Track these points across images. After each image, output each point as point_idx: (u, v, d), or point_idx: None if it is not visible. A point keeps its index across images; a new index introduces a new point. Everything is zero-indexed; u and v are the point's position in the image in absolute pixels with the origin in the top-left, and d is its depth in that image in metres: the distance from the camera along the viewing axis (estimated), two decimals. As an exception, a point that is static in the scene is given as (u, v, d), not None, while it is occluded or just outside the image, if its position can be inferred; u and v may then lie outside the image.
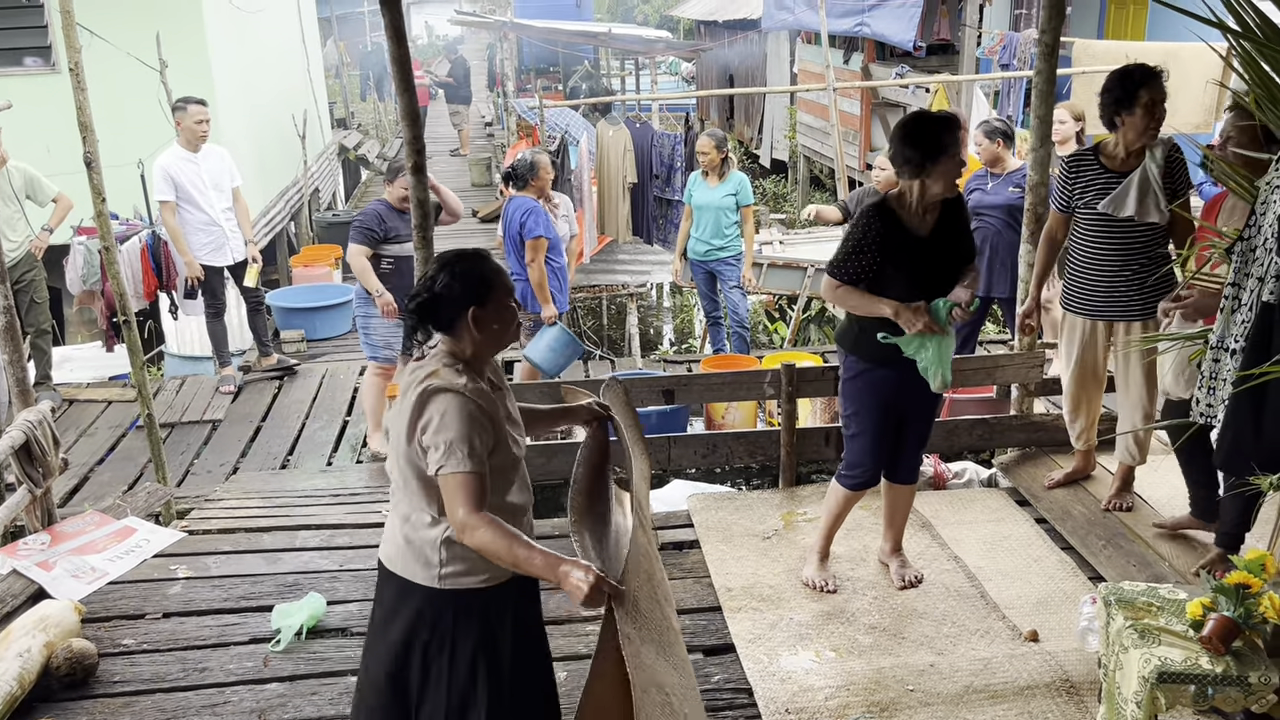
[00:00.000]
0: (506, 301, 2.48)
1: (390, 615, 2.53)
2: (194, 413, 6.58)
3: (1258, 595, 2.66)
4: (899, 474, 3.86)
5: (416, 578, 2.45)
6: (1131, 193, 3.87)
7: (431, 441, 2.33)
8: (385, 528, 2.59)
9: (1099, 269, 4.03)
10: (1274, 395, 2.57)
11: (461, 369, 2.41)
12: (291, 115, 11.54)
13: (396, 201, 5.53)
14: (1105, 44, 9.76)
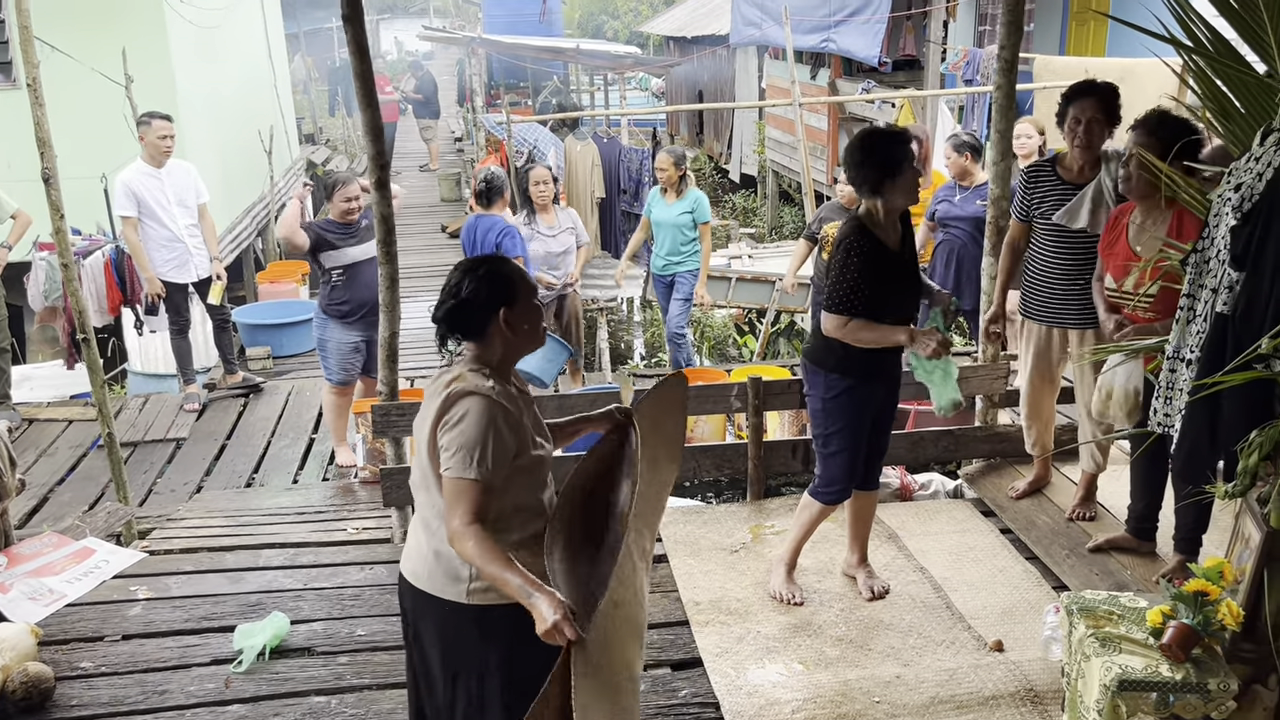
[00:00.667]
0: (533, 301, 2.48)
1: (417, 633, 2.52)
2: (157, 431, 6.49)
3: (1216, 603, 2.69)
4: (865, 481, 3.87)
5: (445, 593, 2.43)
6: (1085, 204, 3.94)
7: (446, 442, 2.32)
8: (409, 542, 2.55)
9: (1055, 277, 4.10)
10: (1229, 404, 2.60)
11: (489, 374, 2.41)
12: (258, 131, 11.47)
13: (339, 216, 5.50)
14: (1065, 60, 9.89)
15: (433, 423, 2.36)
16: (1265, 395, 2.58)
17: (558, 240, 6.45)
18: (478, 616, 2.41)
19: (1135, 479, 4.00)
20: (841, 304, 3.45)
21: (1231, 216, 2.57)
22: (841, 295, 3.44)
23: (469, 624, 2.43)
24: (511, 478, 2.39)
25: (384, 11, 36.95)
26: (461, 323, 2.42)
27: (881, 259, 3.45)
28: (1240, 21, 2.61)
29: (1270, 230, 2.46)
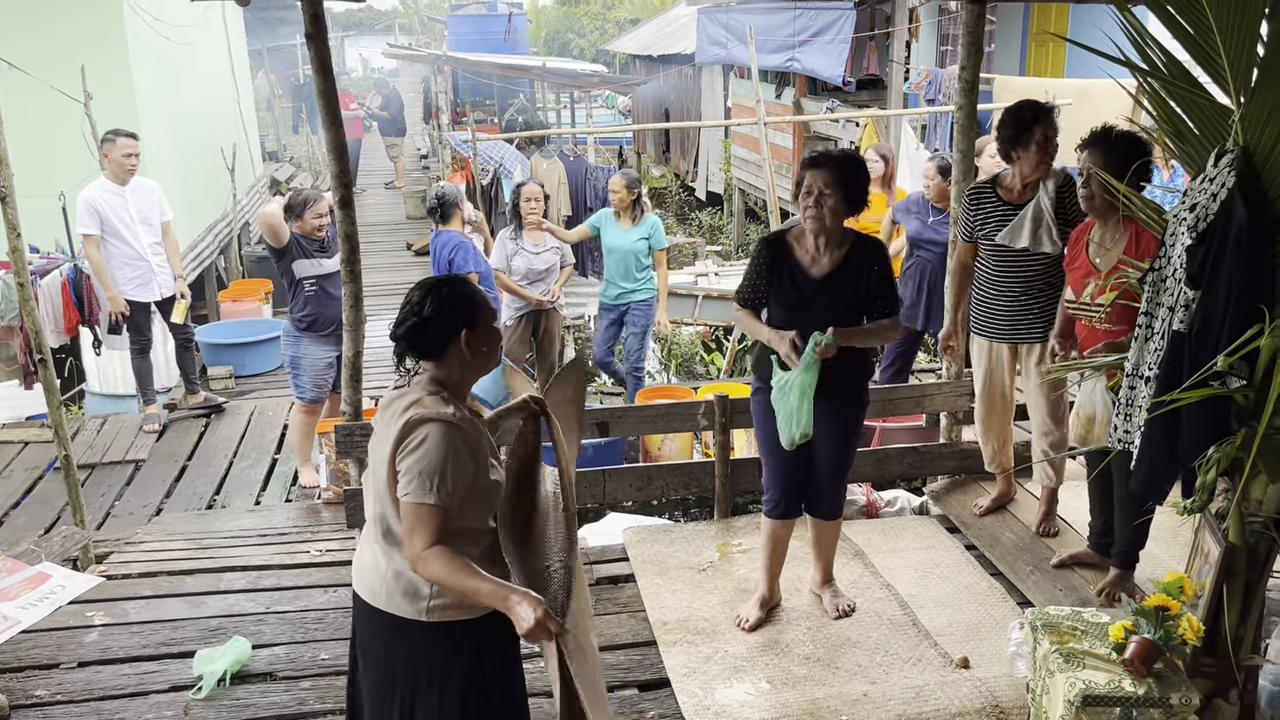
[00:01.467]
0: (492, 322, 2.48)
1: (371, 653, 2.49)
2: (116, 452, 6.39)
3: (1177, 617, 2.72)
4: (814, 507, 3.78)
5: (403, 611, 2.40)
6: (1026, 224, 4.00)
7: (406, 467, 2.31)
8: (361, 561, 2.52)
9: (1000, 294, 4.17)
10: (1187, 421, 2.63)
11: (447, 397, 2.39)
12: (220, 148, 11.37)
13: (309, 233, 5.49)
14: (1025, 80, 10.05)
15: (391, 447, 2.34)
16: (1222, 412, 2.62)
17: (541, 258, 6.43)
18: (439, 633, 2.40)
19: (1094, 495, 4.03)
20: (738, 290, 3.64)
21: (1187, 236, 2.61)
22: (740, 284, 3.64)
23: (430, 641, 2.41)
24: (466, 501, 2.38)
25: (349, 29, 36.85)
26: (421, 342, 2.41)
27: (782, 274, 3.48)
28: (1194, 45, 2.65)
29: (1224, 250, 2.50)
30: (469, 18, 22.10)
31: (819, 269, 3.46)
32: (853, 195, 3.41)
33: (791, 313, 3.48)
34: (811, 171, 3.42)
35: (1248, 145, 2.54)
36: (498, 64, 17.66)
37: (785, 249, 3.51)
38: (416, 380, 2.43)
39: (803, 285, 3.46)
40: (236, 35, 14.55)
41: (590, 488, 4.73)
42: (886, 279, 3.52)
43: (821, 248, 3.46)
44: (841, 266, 3.47)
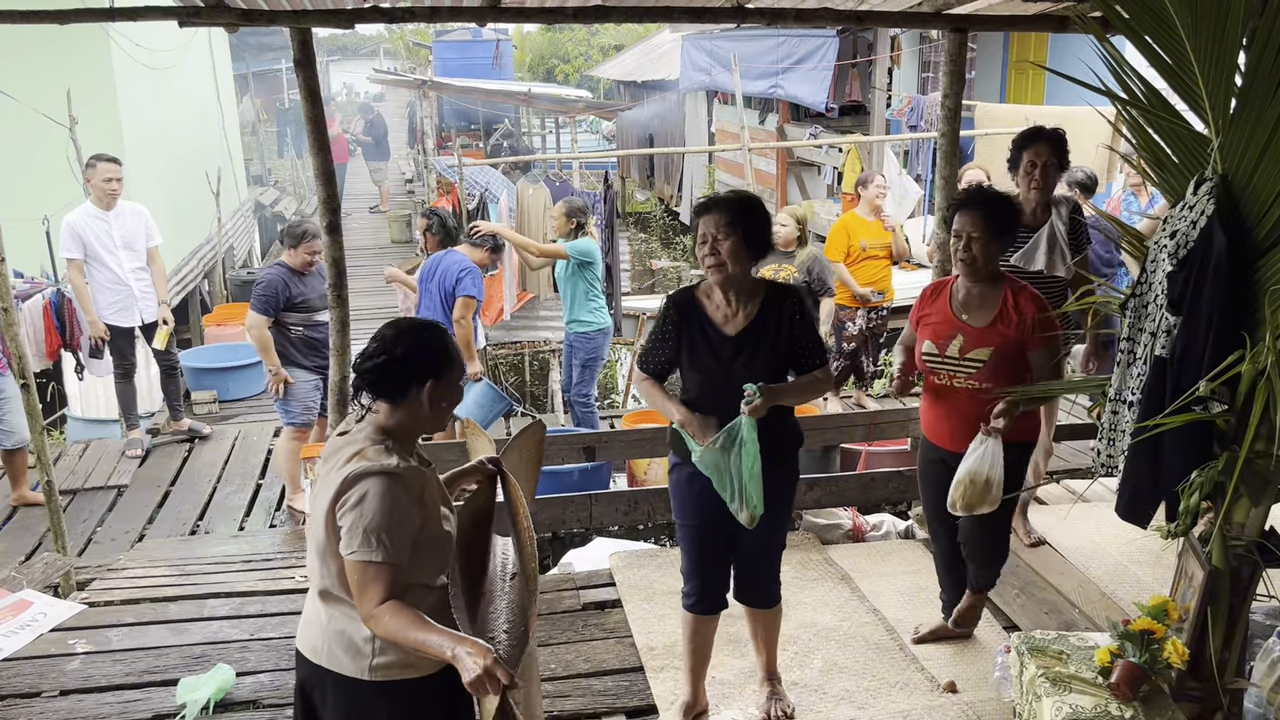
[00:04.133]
0: (459, 379, 2.39)
1: (314, 709, 2.40)
2: (98, 478, 6.34)
3: (1162, 641, 2.74)
4: (745, 596, 3.37)
5: (344, 669, 2.31)
6: (1041, 247, 4.07)
7: (348, 524, 2.20)
8: (305, 613, 2.43)
9: None
10: (1170, 445, 2.66)
11: (390, 447, 2.29)
12: (205, 172, 11.37)
13: (300, 266, 5.50)
14: (1005, 107, 10.18)
15: (331, 500, 2.25)
16: (1204, 436, 2.65)
17: None
18: (382, 692, 2.32)
19: (943, 571, 3.88)
20: (640, 356, 3.26)
21: (1168, 263, 2.65)
22: (642, 348, 3.27)
23: (373, 700, 2.32)
24: (414, 553, 2.28)
25: (333, 54, 36.95)
26: (383, 382, 2.32)
27: (692, 334, 3.12)
28: (1172, 75, 2.70)
29: (1205, 276, 2.53)
30: (454, 43, 22.20)
31: (733, 326, 3.11)
32: (752, 236, 3.04)
33: (708, 377, 3.13)
34: (704, 217, 3.06)
35: (1226, 173, 2.58)
36: (484, 89, 17.75)
37: (694, 307, 3.14)
38: (360, 427, 2.35)
39: (718, 346, 3.10)
40: (222, 60, 14.58)
41: (577, 512, 4.73)
42: (809, 327, 3.17)
43: (733, 301, 3.11)
44: (758, 321, 3.11)
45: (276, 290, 5.47)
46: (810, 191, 13.36)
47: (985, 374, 3.41)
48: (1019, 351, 3.41)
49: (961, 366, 3.45)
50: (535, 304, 10.94)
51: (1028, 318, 3.38)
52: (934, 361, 3.51)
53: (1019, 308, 3.40)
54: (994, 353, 3.39)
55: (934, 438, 3.64)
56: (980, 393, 3.42)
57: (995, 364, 3.40)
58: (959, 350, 3.45)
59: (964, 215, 3.39)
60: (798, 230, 6.01)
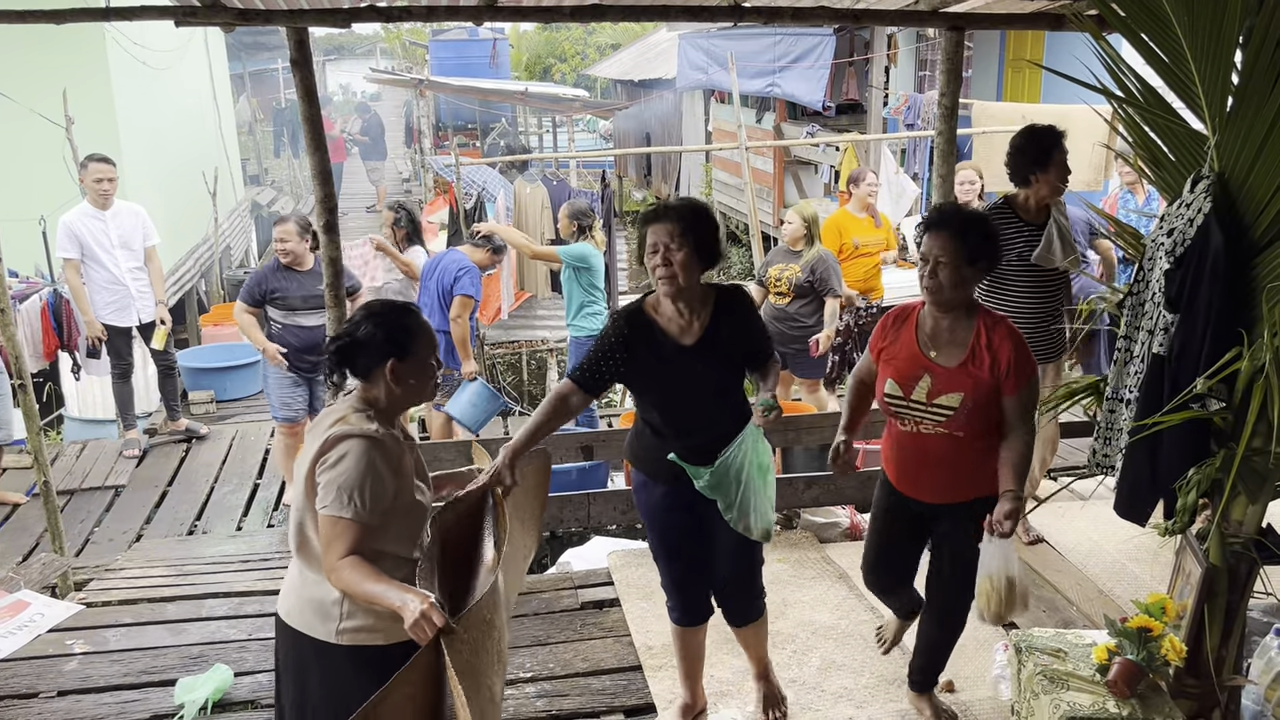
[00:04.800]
0: (427, 358, 2.50)
1: (289, 673, 2.51)
2: (95, 478, 6.33)
3: (1159, 638, 2.74)
4: (726, 612, 3.28)
5: (315, 632, 2.42)
6: (1055, 243, 4.08)
7: (325, 481, 2.33)
8: (286, 578, 2.55)
9: (1023, 317, 4.18)
10: (1168, 443, 2.66)
11: (373, 415, 2.43)
12: (202, 172, 11.36)
13: (278, 254, 5.51)
14: (1002, 105, 10.17)
15: (311, 460, 2.38)
16: (1202, 434, 2.65)
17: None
18: (349, 656, 2.41)
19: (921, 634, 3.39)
20: (575, 368, 3.08)
21: (1165, 261, 2.65)
22: (581, 361, 3.06)
23: (339, 664, 2.42)
24: (388, 520, 2.40)
25: (330, 53, 36.91)
26: (349, 361, 2.46)
27: (646, 350, 2.97)
28: (1169, 73, 2.70)
29: (1202, 274, 2.54)
30: (451, 43, 22.17)
31: (690, 336, 2.96)
32: (703, 245, 2.90)
33: (668, 393, 3.01)
34: (653, 226, 2.91)
35: (1223, 171, 2.58)
36: (481, 89, 17.74)
37: (645, 322, 2.98)
38: (347, 398, 2.49)
39: (674, 358, 2.96)
40: (218, 59, 14.57)
41: (575, 511, 4.73)
42: (760, 321, 3.14)
43: (685, 312, 2.96)
44: (713, 328, 2.98)
45: (256, 281, 5.56)
46: (807, 190, 13.36)
47: (956, 423, 2.92)
48: (993, 397, 2.91)
49: (929, 413, 2.95)
50: (533, 303, 10.94)
51: (1003, 358, 2.88)
52: (898, 405, 3.00)
53: (993, 346, 2.90)
54: (965, 399, 2.89)
55: (905, 487, 3.12)
56: (953, 440, 2.95)
57: (968, 412, 2.90)
58: (926, 394, 2.94)
59: (932, 237, 2.89)
60: (804, 228, 6.00)
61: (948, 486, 3.03)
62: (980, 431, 2.93)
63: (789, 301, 6.02)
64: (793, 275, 5.97)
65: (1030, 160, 4.10)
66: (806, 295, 5.99)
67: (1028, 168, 4.11)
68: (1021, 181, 4.16)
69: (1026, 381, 2.90)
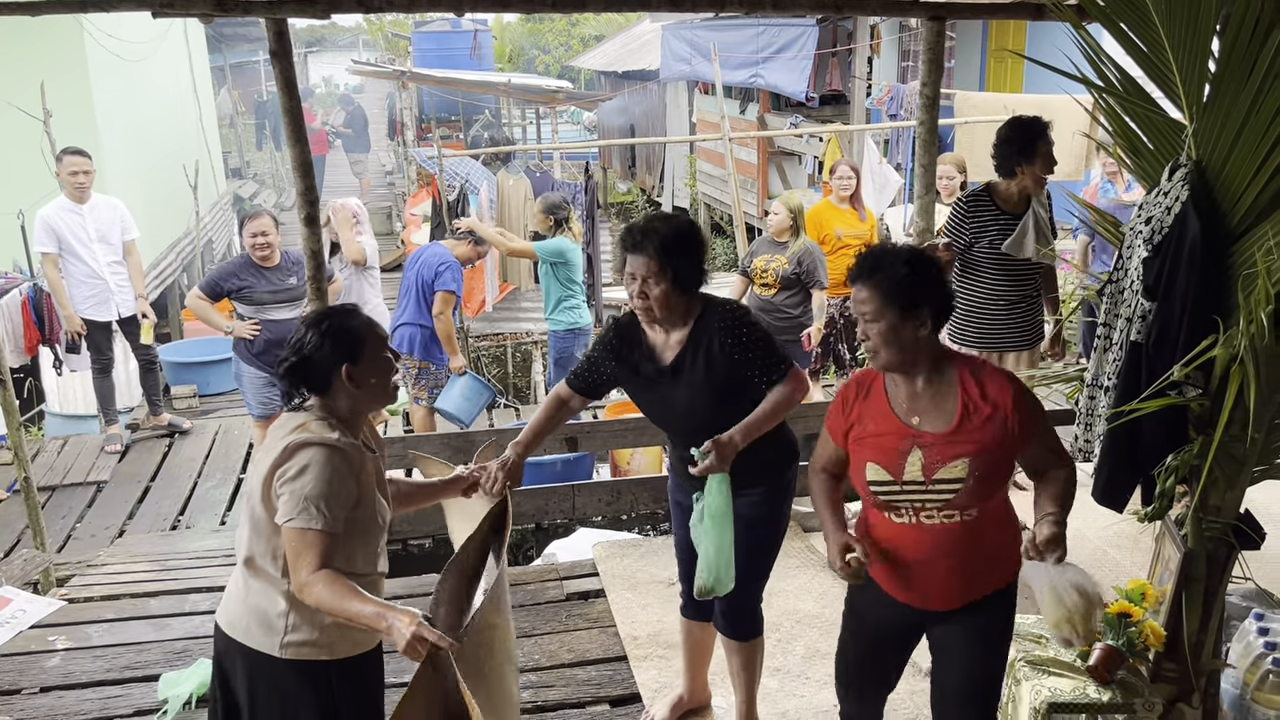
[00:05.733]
0: (381, 353, 2.41)
1: (228, 683, 2.42)
2: (77, 474, 6.30)
3: (1139, 624, 2.77)
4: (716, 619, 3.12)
5: (258, 645, 2.33)
6: (1029, 234, 4.11)
7: (287, 491, 2.23)
8: (229, 587, 2.46)
9: (996, 304, 4.24)
10: (1146, 430, 2.68)
11: (334, 424, 2.33)
12: (183, 165, 11.27)
13: (250, 250, 5.46)
14: (985, 96, 10.21)
15: (269, 469, 2.27)
16: (1179, 420, 2.67)
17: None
18: (292, 669, 2.33)
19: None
20: (572, 372, 3.08)
21: (1143, 248, 2.67)
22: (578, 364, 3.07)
23: (283, 678, 2.34)
24: (348, 531, 2.31)
25: (312, 45, 36.68)
26: (303, 378, 2.36)
27: (628, 363, 2.94)
28: (1148, 63, 2.72)
29: (1179, 262, 2.55)
30: (433, 34, 22.05)
31: (670, 353, 2.86)
32: (683, 276, 2.77)
33: (652, 410, 3.00)
34: (631, 256, 2.79)
35: (1200, 159, 2.60)
36: (464, 80, 17.66)
37: (637, 334, 2.92)
38: (310, 405, 2.38)
39: (653, 377, 2.89)
40: (198, 51, 14.45)
41: (560, 503, 4.73)
42: (750, 344, 2.81)
43: (665, 330, 2.87)
44: (689, 346, 2.84)
45: (224, 274, 5.53)
46: (791, 181, 13.37)
47: (966, 498, 2.39)
48: (1002, 456, 2.41)
49: (931, 494, 2.40)
50: (517, 295, 10.93)
51: (1007, 405, 2.39)
52: (890, 493, 2.44)
53: (989, 395, 2.41)
54: (971, 466, 2.36)
55: (900, 592, 2.53)
56: (964, 525, 2.41)
57: (977, 480, 2.37)
58: (923, 471, 2.40)
59: (856, 291, 2.42)
60: (790, 220, 6.00)
61: (960, 586, 2.46)
62: (992, 503, 2.45)
63: (775, 293, 6.03)
64: (779, 267, 5.98)
65: (1016, 151, 4.14)
66: (793, 287, 5.99)
67: (1014, 158, 4.14)
68: (1006, 172, 4.19)
69: (1039, 419, 2.43)
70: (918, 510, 2.43)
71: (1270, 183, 2.47)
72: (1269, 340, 2.46)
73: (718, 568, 2.76)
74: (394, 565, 5.13)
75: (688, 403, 2.85)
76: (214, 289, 5.48)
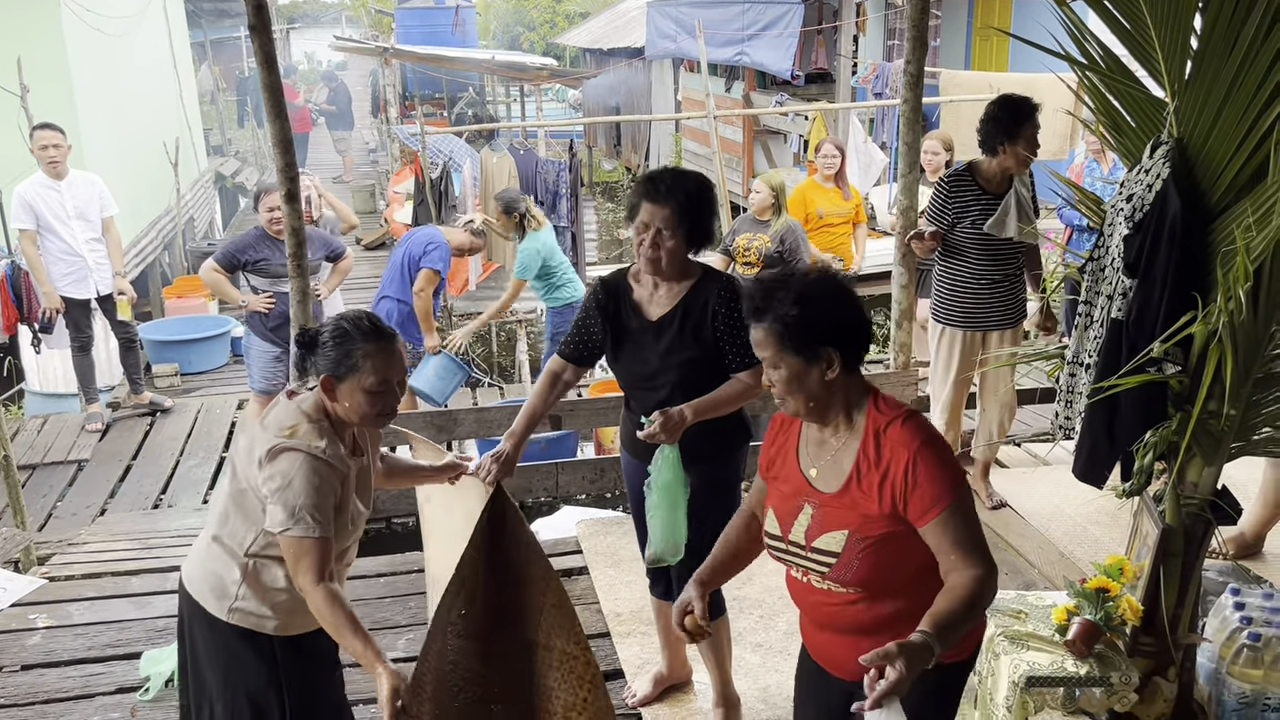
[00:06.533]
0: (371, 386, 2.32)
1: (184, 636, 2.52)
2: (58, 453, 6.26)
3: (1117, 599, 2.79)
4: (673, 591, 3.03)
5: (207, 605, 2.41)
6: (1011, 214, 4.11)
7: (279, 501, 2.26)
8: (195, 544, 2.53)
9: (979, 283, 4.24)
10: (1125, 406, 2.70)
11: (325, 429, 2.34)
12: (163, 142, 11.16)
13: (266, 225, 5.44)
14: (970, 74, 10.20)
15: (257, 462, 2.30)
16: (1159, 397, 2.69)
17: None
18: (235, 634, 2.41)
19: None
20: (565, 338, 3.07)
21: (1124, 226, 2.67)
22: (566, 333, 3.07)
23: (230, 640, 2.42)
24: None
25: (294, 21, 36.33)
26: (303, 359, 2.40)
27: (617, 321, 2.93)
28: (1131, 40, 2.71)
29: (1160, 239, 2.56)
30: (416, 10, 21.85)
31: (657, 309, 2.86)
32: (695, 233, 2.79)
33: (631, 368, 2.94)
34: (648, 204, 2.77)
35: (1181, 137, 2.60)
36: (447, 57, 17.52)
37: (622, 291, 2.93)
38: (308, 398, 2.38)
39: (637, 331, 2.88)
40: (178, 27, 14.29)
41: (543, 480, 4.74)
42: (737, 325, 2.77)
43: (660, 283, 2.87)
44: (680, 306, 2.83)
45: (240, 246, 5.48)
46: (777, 159, 13.36)
47: (843, 576, 2.02)
48: (894, 537, 1.98)
49: (811, 561, 2.07)
50: (501, 274, 10.87)
51: (896, 472, 1.96)
52: (777, 549, 2.16)
53: (882, 458, 1.99)
54: (851, 540, 1.99)
55: (818, 656, 2.26)
56: (857, 603, 2.05)
57: (858, 561, 1.99)
58: (805, 534, 2.08)
59: (754, 329, 2.05)
60: (772, 198, 5.99)
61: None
62: (886, 590, 2.01)
63: (758, 271, 6.02)
64: (762, 245, 5.97)
65: (1001, 129, 4.12)
66: (775, 265, 5.99)
67: (997, 137, 4.13)
68: (989, 150, 4.19)
69: (945, 504, 1.92)
70: (806, 572, 2.11)
71: (1250, 160, 2.48)
72: (1247, 317, 2.48)
73: (665, 539, 2.79)
74: (377, 543, 5.15)
75: (660, 361, 2.85)
76: (231, 262, 5.44)
